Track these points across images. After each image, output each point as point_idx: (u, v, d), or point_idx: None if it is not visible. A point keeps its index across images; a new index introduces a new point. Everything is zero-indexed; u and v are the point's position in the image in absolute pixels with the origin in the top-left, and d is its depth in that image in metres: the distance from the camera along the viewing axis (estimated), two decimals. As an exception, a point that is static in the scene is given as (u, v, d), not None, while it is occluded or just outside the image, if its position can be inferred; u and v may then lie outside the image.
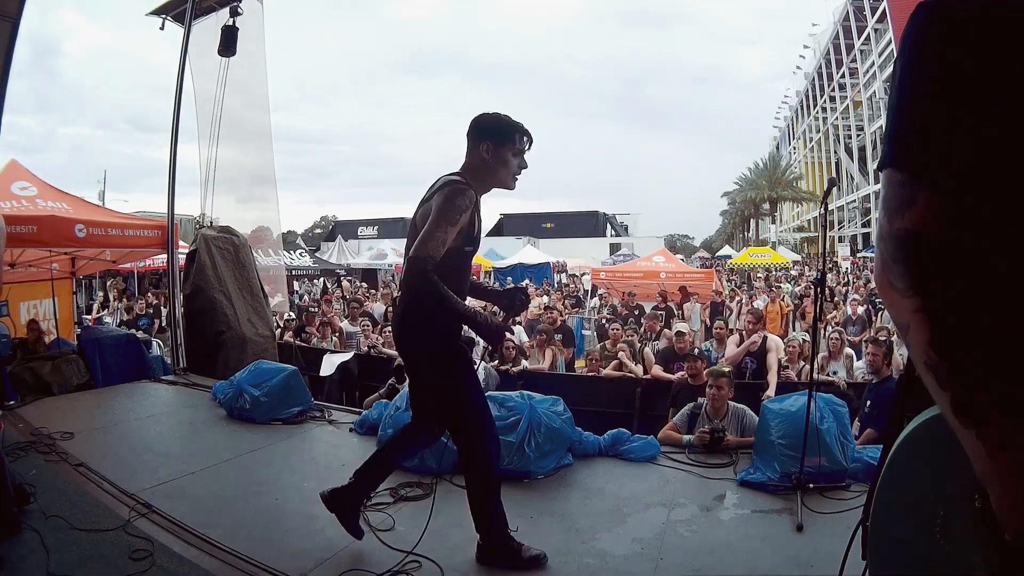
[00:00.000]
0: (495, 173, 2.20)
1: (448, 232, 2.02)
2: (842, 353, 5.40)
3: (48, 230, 4.93)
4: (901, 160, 0.47)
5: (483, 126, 2.19)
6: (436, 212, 2.04)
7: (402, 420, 3.31)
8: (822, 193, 5.56)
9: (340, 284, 17.39)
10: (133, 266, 13.09)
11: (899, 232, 0.46)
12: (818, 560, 2.23)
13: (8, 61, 4.04)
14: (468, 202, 2.08)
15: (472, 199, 2.10)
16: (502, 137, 2.17)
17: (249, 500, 2.87)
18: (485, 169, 2.19)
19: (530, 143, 2.24)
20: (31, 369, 4.83)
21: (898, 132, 0.48)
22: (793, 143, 50.60)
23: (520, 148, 2.21)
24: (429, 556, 2.26)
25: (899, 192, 0.47)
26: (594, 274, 15.43)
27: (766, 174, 39.98)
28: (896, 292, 0.47)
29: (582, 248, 28.31)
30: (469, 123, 2.23)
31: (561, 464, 3.22)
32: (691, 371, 4.59)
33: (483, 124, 2.20)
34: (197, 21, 5.95)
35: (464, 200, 2.07)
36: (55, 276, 6.28)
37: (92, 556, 2.31)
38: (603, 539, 2.46)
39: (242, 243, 6.23)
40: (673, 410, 4.50)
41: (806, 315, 8.71)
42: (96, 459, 3.28)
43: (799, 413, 2.86)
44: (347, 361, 6.66)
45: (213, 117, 6.05)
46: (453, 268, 2.11)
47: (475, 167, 2.19)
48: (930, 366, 0.46)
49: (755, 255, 22.34)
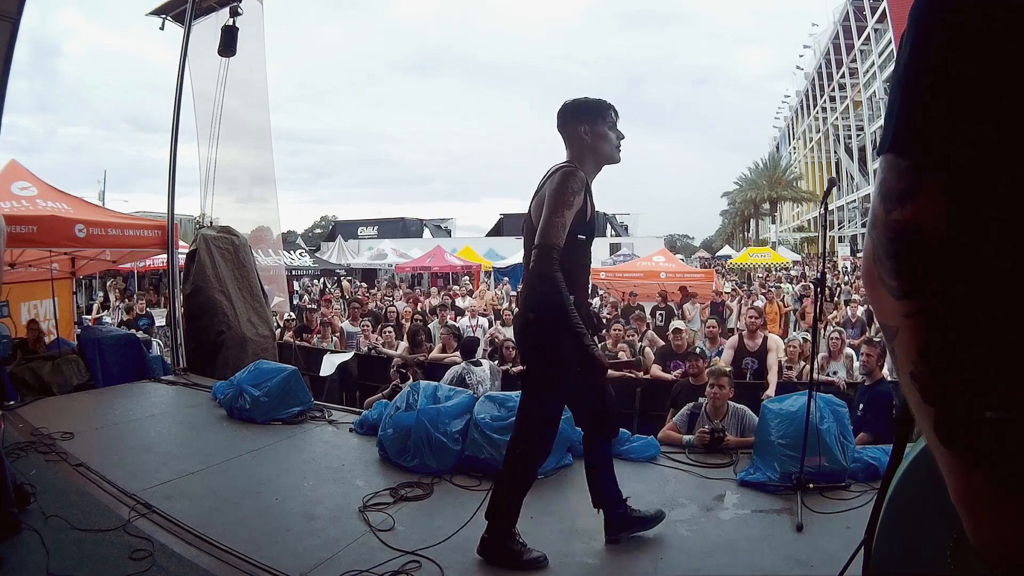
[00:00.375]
0: (600, 150, 2.25)
1: (566, 216, 2.05)
2: (842, 353, 5.39)
3: (48, 230, 4.93)
4: (908, 144, 0.42)
5: (575, 110, 2.26)
6: (551, 198, 2.07)
7: (402, 420, 3.31)
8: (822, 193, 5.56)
9: (340, 284, 17.37)
10: (133, 266, 13.08)
11: (896, 223, 0.41)
12: (818, 560, 2.24)
13: (8, 61, 4.04)
14: (580, 184, 2.12)
15: (583, 180, 2.15)
16: (596, 115, 2.24)
17: (249, 500, 2.87)
18: (590, 149, 2.24)
19: (618, 116, 2.30)
20: (31, 369, 4.83)
21: (905, 112, 0.42)
22: (793, 143, 50.60)
23: (613, 121, 2.27)
24: (430, 556, 2.27)
25: (901, 180, 0.41)
26: (594, 274, 15.44)
27: (766, 174, 39.98)
28: (885, 291, 0.43)
29: (582, 248, 28.21)
30: (558, 114, 2.28)
31: (561, 464, 3.22)
32: (692, 370, 4.58)
33: (575, 109, 2.25)
34: (197, 21, 5.95)
35: (576, 182, 2.11)
36: (55, 276, 6.28)
37: (92, 556, 2.31)
38: (603, 539, 2.45)
39: (242, 243, 6.24)
40: (673, 410, 4.51)
41: (806, 315, 8.70)
42: (96, 459, 3.28)
43: (799, 413, 2.86)
44: (347, 361, 6.66)
45: (213, 117, 6.06)
46: (575, 262, 2.13)
47: (579, 150, 2.24)
48: (916, 378, 0.42)
49: (755, 255, 22.35)
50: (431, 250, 21.02)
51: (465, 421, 3.31)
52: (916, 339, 0.41)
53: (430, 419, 3.23)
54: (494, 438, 3.15)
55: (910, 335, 0.42)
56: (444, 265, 19.69)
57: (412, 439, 3.21)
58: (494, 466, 3.09)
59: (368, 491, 2.88)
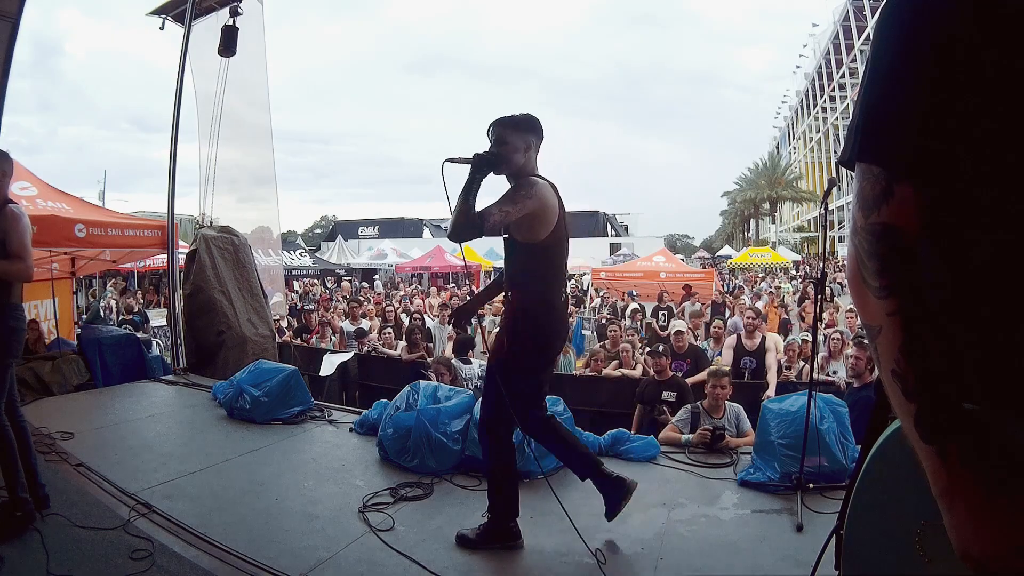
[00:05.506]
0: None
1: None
2: (842, 353, 5.39)
3: (48, 230, 4.92)
4: (878, 152, 0.45)
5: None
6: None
7: (402, 420, 3.31)
8: (822, 193, 5.56)
9: (340, 284, 17.38)
10: (133, 266, 13.10)
11: (874, 226, 0.44)
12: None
13: (8, 61, 4.05)
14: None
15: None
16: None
17: (249, 500, 2.87)
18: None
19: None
20: (31, 369, 4.82)
21: (872, 123, 0.46)
22: (793, 143, 50.62)
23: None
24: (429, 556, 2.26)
25: (875, 185, 0.45)
26: (594, 274, 15.45)
27: (766, 174, 40.01)
28: (870, 292, 0.45)
29: (582, 248, 28.24)
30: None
31: (561, 464, 3.21)
32: (656, 367, 4.64)
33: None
34: (197, 21, 5.94)
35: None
36: (55, 276, 6.28)
37: (92, 556, 2.31)
38: (603, 539, 2.46)
39: (242, 243, 6.23)
40: (641, 406, 4.55)
41: (805, 317, 8.70)
42: (96, 459, 3.28)
43: (799, 413, 2.86)
44: (347, 361, 6.66)
45: (213, 117, 6.05)
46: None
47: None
48: (898, 375, 0.44)
49: (755, 255, 22.36)
50: (431, 250, 21.03)
51: (465, 421, 3.30)
52: (898, 336, 0.43)
53: (430, 419, 3.23)
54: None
55: (892, 333, 0.44)
56: (444, 265, 19.70)
57: (412, 439, 3.21)
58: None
59: (368, 491, 2.88)
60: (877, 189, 0.44)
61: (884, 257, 0.44)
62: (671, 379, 4.64)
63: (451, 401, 3.44)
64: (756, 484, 2.91)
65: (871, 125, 0.46)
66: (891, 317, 0.44)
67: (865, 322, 0.47)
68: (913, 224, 0.42)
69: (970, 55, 0.40)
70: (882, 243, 0.44)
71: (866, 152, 0.46)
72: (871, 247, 0.44)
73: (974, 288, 0.41)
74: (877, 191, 0.44)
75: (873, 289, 0.45)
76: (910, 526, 0.68)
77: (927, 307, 0.42)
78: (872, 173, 0.45)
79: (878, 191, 0.44)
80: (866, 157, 0.46)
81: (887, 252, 0.44)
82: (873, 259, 0.44)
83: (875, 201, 0.44)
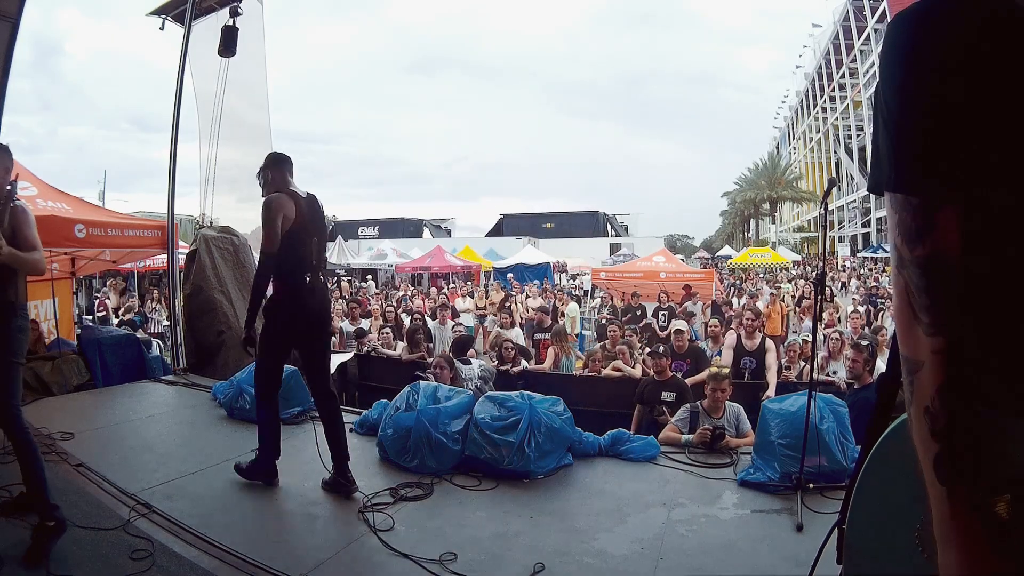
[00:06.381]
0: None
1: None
2: (842, 353, 5.39)
3: (48, 230, 4.91)
4: (916, 182, 0.43)
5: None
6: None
7: (402, 420, 3.32)
8: (822, 193, 5.57)
9: (339, 284, 17.36)
10: (133, 266, 13.07)
11: (920, 259, 0.43)
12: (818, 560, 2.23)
13: (8, 61, 4.04)
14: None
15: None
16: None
17: (249, 500, 2.87)
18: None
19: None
20: (31, 369, 4.82)
21: (907, 151, 0.44)
22: (793, 143, 50.63)
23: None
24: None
25: (916, 217, 0.43)
26: (594, 274, 15.43)
27: (766, 174, 40.00)
28: (919, 327, 0.43)
29: (582, 248, 28.30)
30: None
31: (561, 464, 3.22)
32: (656, 368, 4.65)
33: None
34: (197, 21, 5.94)
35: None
36: (55, 276, 6.27)
37: (92, 556, 2.31)
38: (603, 539, 2.46)
39: (242, 243, 6.23)
40: (640, 406, 4.56)
41: (804, 318, 8.70)
42: (96, 459, 3.28)
43: (799, 413, 2.86)
44: (347, 361, 6.66)
45: (213, 117, 6.05)
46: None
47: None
48: (931, 414, 0.43)
49: (755, 255, 22.37)
50: (431, 250, 21.02)
51: (465, 421, 3.31)
52: (940, 375, 0.43)
53: (430, 419, 3.23)
54: (494, 438, 3.15)
55: (934, 372, 0.43)
56: (444, 265, 19.68)
57: (412, 439, 3.22)
58: (494, 466, 3.10)
59: (368, 491, 2.88)
60: (918, 221, 0.43)
61: (934, 290, 0.43)
62: (671, 379, 4.64)
63: (451, 401, 3.44)
64: (756, 484, 2.91)
65: (904, 154, 0.45)
66: (936, 355, 0.43)
67: (906, 355, 0.46)
68: (955, 253, 0.41)
69: (998, 69, 0.39)
70: (932, 277, 0.43)
71: (901, 183, 0.45)
72: (920, 281, 0.43)
73: (1015, 321, 0.40)
74: (919, 223, 0.43)
75: (923, 326, 0.44)
76: (910, 524, 0.68)
77: (974, 346, 0.41)
78: (911, 204, 0.44)
79: (920, 223, 0.43)
80: (902, 188, 0.45)
81: (937, 287, 0.43)
82: (923, 294, 0.43)
83: (918, 232, 0.43)
